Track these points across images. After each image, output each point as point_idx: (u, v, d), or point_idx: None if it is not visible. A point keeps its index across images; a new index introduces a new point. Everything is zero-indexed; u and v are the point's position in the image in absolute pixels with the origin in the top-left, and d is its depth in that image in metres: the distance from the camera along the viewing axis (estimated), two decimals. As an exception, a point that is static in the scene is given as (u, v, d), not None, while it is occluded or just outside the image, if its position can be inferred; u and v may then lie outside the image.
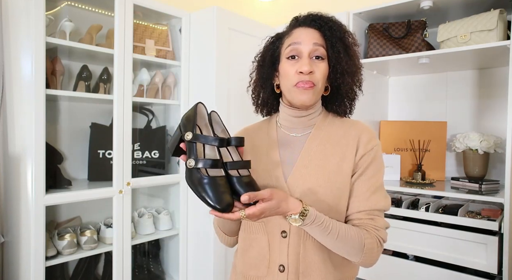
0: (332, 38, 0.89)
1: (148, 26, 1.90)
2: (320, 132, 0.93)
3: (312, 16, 0.92)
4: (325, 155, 0.89)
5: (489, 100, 1.95)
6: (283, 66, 0.91)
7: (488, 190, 1.69)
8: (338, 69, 0.89)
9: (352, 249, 0.82)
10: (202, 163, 0.76)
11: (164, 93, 1.98)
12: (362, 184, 0.87)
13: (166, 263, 2.12)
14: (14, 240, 1.58)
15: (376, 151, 0.89)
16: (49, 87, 1.54)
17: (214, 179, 0.76)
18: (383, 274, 1.74)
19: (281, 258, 0.88)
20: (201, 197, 0.75)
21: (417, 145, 2.02)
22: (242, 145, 0.83)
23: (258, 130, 1.01)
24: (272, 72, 0.96)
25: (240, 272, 0.96)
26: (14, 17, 1.55)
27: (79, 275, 1.80)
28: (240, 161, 0.83)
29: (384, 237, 0.86)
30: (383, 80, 2.24)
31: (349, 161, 0.88)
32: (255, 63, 1.00)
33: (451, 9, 1.80)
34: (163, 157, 2.01)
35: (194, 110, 0.86)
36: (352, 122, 0.95)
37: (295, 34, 0.90)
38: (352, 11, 1.90)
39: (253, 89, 1.01)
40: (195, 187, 0.76)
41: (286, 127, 0.96)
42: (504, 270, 1.44)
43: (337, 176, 0.87)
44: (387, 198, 0.89)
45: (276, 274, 0.88)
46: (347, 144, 0.90)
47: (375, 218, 0.86)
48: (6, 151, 1.62)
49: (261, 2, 2.72)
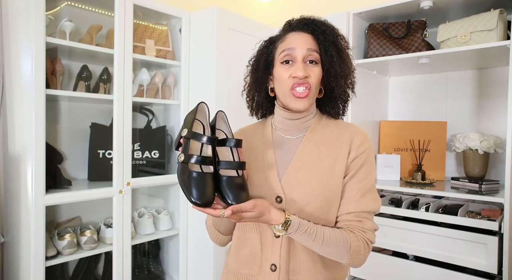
0: (325, 42, 0.90)
1: (148, 26, 1.90)
2: (314, 135, 0.94)
3: (305, 20, 0.93)
4: (318, 157, 0.91)
5: (489, 100, 1.95)
6: (278, 70, 0.91)
7: (488, 190, 1.69)
8: (331, 73, 0.90)
9: (339, 252, 0.84)
10: (188, 158, 0.79)
11: (164, 93, 1.98)
12: (353, 186, 0.89)
13: (166, 263, 2.12)
14: (14, 240, 1.58)
15: (367, 153, 0.91)
16: (49, 87, 1.54)
17: (200, 175, 0.78)
18: (383, 274, 1.74)
19: (273, 258, 0.89)
20: (183, 190, 0.77)
21: (417, 145, 2.02)
22: (239, 146, 0.85)
23: (254, 131, 1.02)
24: (266, 76, 0.97)
25: (232, 271, 0.97)
26: (14, 17, 1.55)
27: (79, 275, 1.80)
28: (233, 161, 0.85)
29: (372, 238, 0.88)
30: (383, 80, 2.24)
31: (342, 163, 0.90)
32: (249, 67, 1.01)
33: (451, 9, 1.80)
34: (163, 157, 2.01)
35: (195, 108, 0.89)
36: (346, 125, 0.97)
37: (289, 39, 0.91)
38: (352, 11, 1.90)
39: (248, 92, 1.02)
40: (181, 180, 0.78)
41: (281, 129, 0.98)
42: (504, 270, 1.44)
43: (330, 178, 0.89)
44: (377, 200, 0.91)
45: (268, 273, 0.90)
46: (340, 146, 0.91)
47: (363, 220, 0.88)
48: (6, 151, 1.62)
49: (261, 2, 2.72)
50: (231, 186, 0.80)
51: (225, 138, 0.85)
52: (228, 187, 0.80)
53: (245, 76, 1.03)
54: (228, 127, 0.90)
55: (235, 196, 0.79)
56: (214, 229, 1.02)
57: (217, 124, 0.92)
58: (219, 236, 1.02)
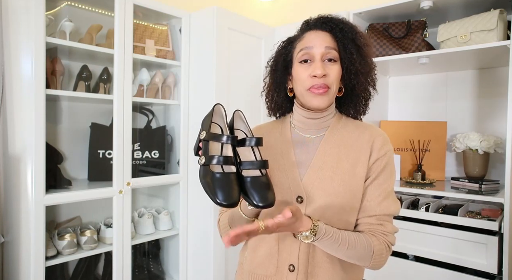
0: (343, 39, 0.89)
1: (148, 26, 1.90)
2: (334, 135, 0.93)
3: (323, 19, 0.92)
4: (339, 158, 0.90)
5: (489, 100, 1.95)
6: (296, 70, 0.91)
7: (488, 190, 1.69)
8: (351, 70, 0.89)
9: (362, 256, 0.84)
10: (209, 160, 0.76)
11: (164, 93, 1.98)
12: (375, 189, 0.88)
13: (166, 263, 2.12)
14: (14, 240, 1.58)
15: (389, 156, 0.91)
16: (49, 87, 1.54)
17: (224, 175, 0.76)
18: (383, 274, 1.74)
19: (292, 258, 0.88)
20: (208, 193, 0.74)
21: (417, 145, 2.02)
22: (260, 145, 0.83)
23: (271, 130, 1.01)
24: (285, 76, 0.96)
25: (247, 271, 0.96)
26: (14, 17, 1.55)
27: (79, 275, 1.80)
28: (256, 161, 0.82)
29: (393, 241, 0.88)
30: (383, 80, 2.24)
31: (363, 165, 0.89)
32: (268, 68, 1.01)
33: (451, 9, 1.80)
34: (163, 157, 2.01)
35: (212, 110, 0.88)
36: (366, 126, 0.96)
37: (307, 38, 0.91)
38: (352, 11, 1.90)
39: (267, 93, 1.02)
40: (204, 183, 0.75)
41: (300, 128, 0.97)
42: (504, 270, 1.44)
43: (351, 179, 0.88)
44: (397, 203, 0.91)
45: (286, 273, 0.88)
46: (360, 148, 0.90)
47: (384, 223, 0.87)
48: (6, 151, 1.62)
49: (261, 2, 2.72)
50: (257, 186, 0.77)
51: (245, 138, 0.82)
52: (253, 188, 0.76)
53: (264, 77, 1.02)
54: (247, 126, 0.88)
55: (261, 197, 0.75)
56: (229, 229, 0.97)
57: (235, 124, 0.90)
58: None
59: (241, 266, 1.00)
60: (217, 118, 0.89)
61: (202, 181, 0.76)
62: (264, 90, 1.03)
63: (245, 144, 0.82)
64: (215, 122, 0.88)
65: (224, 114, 0.88)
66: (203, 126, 0.86)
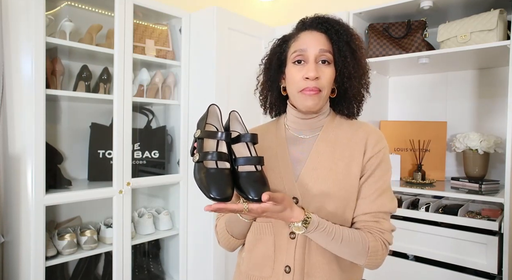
0: (339, 42, 0.88)
1: (148, 26, 1.90)
2: (328, 134, 0.93)
3: (319, 19, 0.92)
4: (333, 157, 0.90)
5: (489, 100, 1.95)
6: (290, 70, 0.91)
7: (488, 190, 1.69)
8: (345, 73, 0.89)
9: (357, 253, 0.83)
10: (203, 156, 0.76)
11: (164, 93, 1.98)
12: (369, 186, 0.88)
13: (166, 263, 2.12)
14: (14, 240, 1.58)
15: (383, 153, 0.90)
16: (49, 87, 1.54)
17: (218, 170, 0.76)
18: (383, 274, 1.74)
19: (288, 259, 0.88)
20: (201, 188, 0.74)
21: (417, 145, 2.02)
22: (255, 142, 0.83)
23: (266, 131, 1.01)
24: (278, 75, 0.96)
25: (244, 272, 0.95)
26: (14, 17, 1.55)
27: (79, 275, 1.80)
28: (251, 157, 0.82)
29: (389, 239, 0.87)
30: (383, 80, 2.24)
31: (357, 163, 0.88)
32: (262, 65, 1.01)
33: (451, 9, 1.80)
34: (163, 157, 2.01)
35: (206, 111, 0.88)
36: (360, 124, 0.95)
37: (302, 39, 0.90)
38: (352, 11, 1.90)
39: (261, 91, 1.01)
40: (197, 178, 0.75)
41: (294, 128, 0.97)
42: (504, 270, 1.44)
43: (345, 178, 0.87)
44: (393, 200, 0.90)
45: (282, 275, 0.88)
46: (355, 146, 0.90)
47: (380, 220, 0.87)
48: (6, 151, 1.62)
49: (261, 2, 2.72)
50: (252, 181, 0.76)
51: (239, 134, 0.82)
52: (248, 183, 0.76)
53: (258, 75, 1.02)
54: (244, 127, 0.88)
55: (257, 191, 0.74)
56: (226, 233, 0.98)
57: (231, 126, 0.89)
58: (231, 240, 0.98)
59: (238, 267, 1.00)
60: (212, 119, 0.88)
61: (196, 177, 0.76)
62: (257, 88, 1.03)
63: (240, 140, 0.82)
64: (210, 123, 0.88)
65: (220, 115, 0.88)
66: (198, 127, 0.87)
